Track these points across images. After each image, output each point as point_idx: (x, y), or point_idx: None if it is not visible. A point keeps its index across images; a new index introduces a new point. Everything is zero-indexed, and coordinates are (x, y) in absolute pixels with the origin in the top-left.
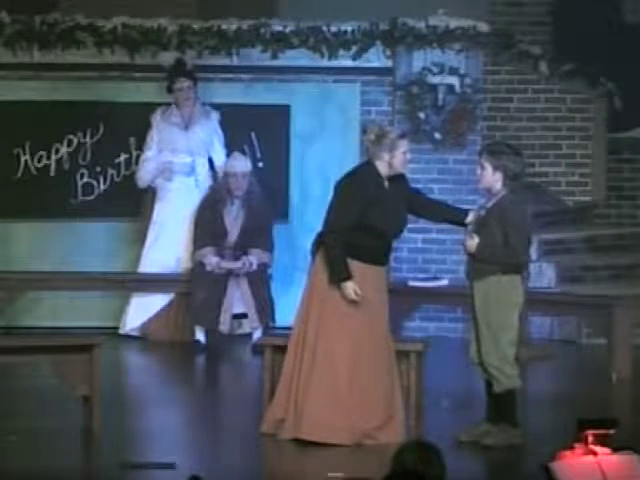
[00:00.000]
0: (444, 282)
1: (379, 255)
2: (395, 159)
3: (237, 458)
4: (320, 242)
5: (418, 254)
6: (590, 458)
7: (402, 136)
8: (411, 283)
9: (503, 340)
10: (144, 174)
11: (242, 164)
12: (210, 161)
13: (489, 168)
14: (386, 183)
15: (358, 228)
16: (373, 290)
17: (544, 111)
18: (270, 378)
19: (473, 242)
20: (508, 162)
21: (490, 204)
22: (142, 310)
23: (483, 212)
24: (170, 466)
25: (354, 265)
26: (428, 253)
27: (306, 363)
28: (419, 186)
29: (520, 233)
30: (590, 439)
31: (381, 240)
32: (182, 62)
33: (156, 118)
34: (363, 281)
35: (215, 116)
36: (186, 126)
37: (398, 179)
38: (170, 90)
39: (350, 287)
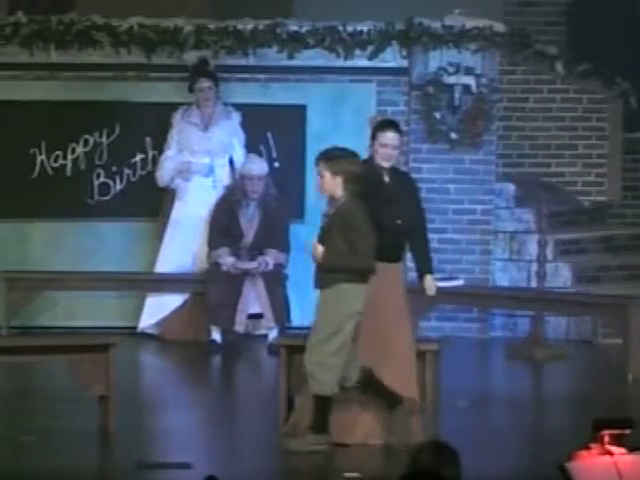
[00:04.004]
0: (460, 282)
1: (384, 250)
2: (376, 152)
3: (253, 458)
4: None
5: (434, 254)
6: (606, 458)
7: (381, 127)
8: None
9: (329, 348)
10: (163, 174)
11: (258, 167)
12: (231, 162)
13: (328, 174)
14: (386, 177)
15: None
16: (378, 285)
17: (560, 111)
18: (286, 378)
19: (317, 251)
20: (347, 165)
21: (333, 210)
22: (158, 308)
23: (326, 218)
24: (186, 466)
25: None
26: (444, 253)
27: None
28: (435, 186)
29: (364, 238)
30: (606, 439)
31: (383, 234)
32: (205, 62)
33: (176, 118)
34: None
35: (236, 117)
36: (205, 127)
37: (407, 180)
38: (191, 90)
39: None
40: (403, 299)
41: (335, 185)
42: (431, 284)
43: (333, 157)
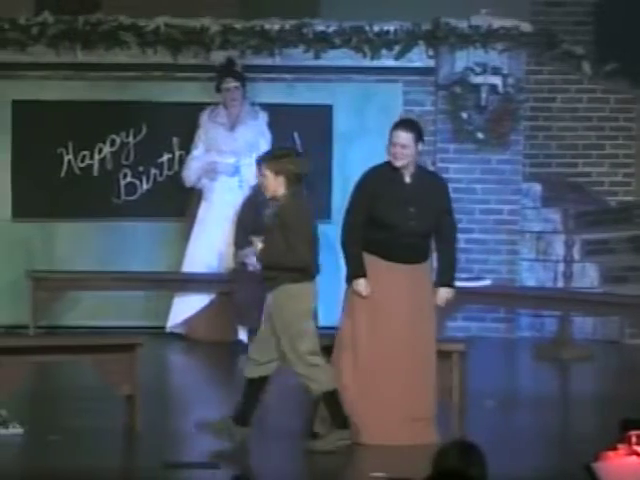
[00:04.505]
0: (487, 282)
1: (390, 250)
2: (389, 151)
3: (280, 458)
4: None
5: (461, 254)
6: (633, 459)
7: (394, 126)
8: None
9: (301, 349)
10: (190, 173)
11: None
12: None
13: (270, 174)
14: (407, 178)
15: (369, 222)
16: (386, 286)
17: (587, 111)
18: None
19: (257, 249)
20: (289, 165)
21: (274, 209)
22: (184, 308)
23: (267, 219)
24: (214, 466)
25: (369, 260)
26: (471, 253)
27: None
28: (462, 186)
29: (300, 235)
30: (633, 440)
31: (390, 234)
32: (232, 62)
33: (203, 118)
34: (374, 277)
35: (263, 117)
36: (232, 126)
37: (433, 182)
38: (218, 90)
39: (359, 284)
40: (425, 302)
41: (277, 184)
42: (442, 297)
43: (275, 157)
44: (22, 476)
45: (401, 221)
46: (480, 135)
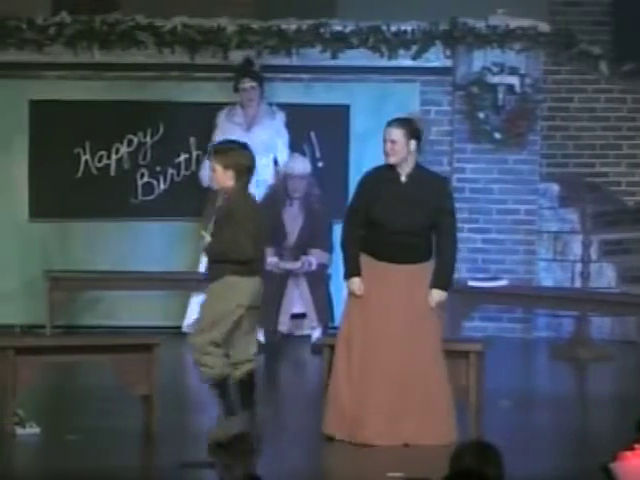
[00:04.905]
0: (504, 282)
1: (382, 249)
2: None
3: (296, 458)
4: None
5: (478, 254)
6: None
7: (386, 124)
8: (471, 283)
9: (208, 337)
10: (206, 173)
11: (300, 166)
12: (275, 162)
13: (220, 167)
14: (403, 177)
15: (366, 222)
16: (380, 287)
17: (604, 111)
18: (329, 378)
19: (205, 241)
20: (238, 158)
21: (221, 203)
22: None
23: (216, 209)
24: (229, 466)
25: (365, 260)
26: (488, 253)
27: None
28: (479, 186)
29: (245, 229)
30: None
31: (381, 232)
32: (249, 62)
33: (220, 118)
34: (369, 276)
35: (280, 117)
36: (248, 126)
37: (430, 182)
38: (236, 90)
39: (353, 283)
40: (422, 303)
41: (227, 178)
42: (433, 299)
43: (224, 150)
44: (39, 476)
45: (391, 220)
46: (497, 135)
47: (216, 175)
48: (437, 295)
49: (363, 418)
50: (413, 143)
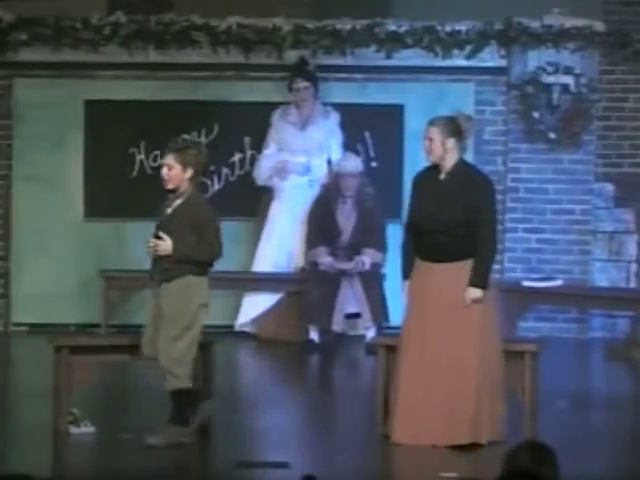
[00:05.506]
0: (558, 282)
1: (420, 248)
2: None
3: (350, 458)
4: None
5: (532, 254)
6: None
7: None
8: (525, 283)
9: (184, 343)
10: (261, 172)
11: (352, 164)
12: (329, 161)
13: (178, 166)
14: (442, 175)
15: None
16: (422, 287)
17: None
18: (384, 378)
19: (167, 243)
20: (198, 157)
21: (178, 202)
22: (253, 306)
23: (170, 211)
24: (284, 465)
25: (416, 261)
26: (542, 253)
27: None
28: (533, 186)
29: (214, 230)
30: None
31: (421, 233)
32: (304, 62)
33: (275, 117)
34: (416, 277)
35: (334, 117)
36: (303, 126)
37: (469, 179)
38: (290, 89)
39: (403, 286)
40: (460, 302)
41: (184, 177)
42: (467, 296)
43: (182, 149)
44: (93, 475)
45: (427, 219)
46: (552, 135)
47: (173, 174)
48: (472, 293)
49: (407, 418)
50: (451, 141)
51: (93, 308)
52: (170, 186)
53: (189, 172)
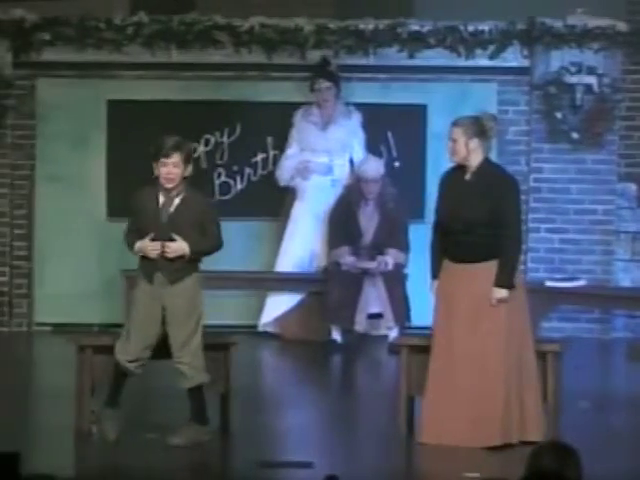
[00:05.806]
0: (581, 282)
1: (446, 248)
2: None
3: (373, 458)
4: None
5: (555, 254)
6: None
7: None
8: (548, 283)
9: (199, 338)
10: (283, 172)
11: (373, 169)
12: (351, 161)
13: (182, 165)
14: (468, 175)
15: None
16: (450, 288)
17: None
18: (407, 378)
19: (180, 244)
20: (191, 152)
21: (178, 201)
22: (276, 306)
23: (172, 210)
24: (307, 465)
25: (444, 262)
26: (565, 253)
27: None
28: (556, 186)
29: (215, 220)
30: None
31: (447, 233)
32: (325, 62)
33: (297, 117)
34: (444, 278)
35: (357, 117)
36: (324, 126)
37: (493, 179)
38: (312, 90)
39: (432, 286)
40: (485, 302)
41: (183, 175)
42: (493, 297)
43: (185, 144)
44: (116, 474)
45: (451, 219)
46: (575, 135)
47: (177, 171)
48: (497, 293)
49: (434, 418)
50: (475, 142)
51: (116, 308)
52: (173, 185)
53: (189, 169)
